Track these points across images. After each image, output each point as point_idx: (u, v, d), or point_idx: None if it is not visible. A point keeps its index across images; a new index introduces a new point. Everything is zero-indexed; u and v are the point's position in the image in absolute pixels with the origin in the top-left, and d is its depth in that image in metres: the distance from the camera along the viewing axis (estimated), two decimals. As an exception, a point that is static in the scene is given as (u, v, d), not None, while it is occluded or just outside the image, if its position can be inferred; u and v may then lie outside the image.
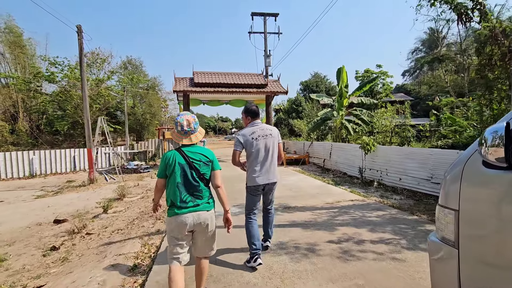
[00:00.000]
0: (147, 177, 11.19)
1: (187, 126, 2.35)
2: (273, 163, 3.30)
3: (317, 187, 7.63)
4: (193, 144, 2.41)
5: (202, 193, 2.34)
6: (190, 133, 2.37)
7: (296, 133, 23.97)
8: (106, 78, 26.92)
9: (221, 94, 14.13)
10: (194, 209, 2.27)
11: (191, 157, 2.33)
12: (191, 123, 2.37)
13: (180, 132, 2.36)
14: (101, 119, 10.90)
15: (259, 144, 3.17)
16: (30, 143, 26.03)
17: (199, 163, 2.34)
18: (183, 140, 2.37)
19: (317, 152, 11.87)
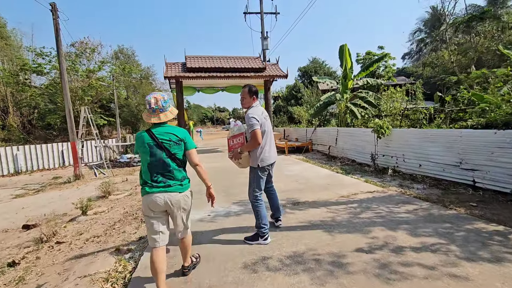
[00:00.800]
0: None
1: (155, 104, 2.25)
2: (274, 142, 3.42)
3: (326, 177, 6.73)
4: (163, 123, 2.31)
5: (174, 173, 2.27)
6: (159, 111, 2.27)
7: (296, 120, 23.01)
8: (97, 68, 25.64)
9: (217, 80, 13.04)
10: (165, 190, 2.22)
11: (160, 137, 2.25)
12: (159, 101, 2.26)
13: (148, 110, 2.27)
14: (85, 109, 9.87)
15: (267, 124, 3.22)
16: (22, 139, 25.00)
17: (169, 143, 2.27)
18: (151, 118, 2.26)
19: (321, 139, 10.94)
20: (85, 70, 25.77)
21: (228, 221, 4.06)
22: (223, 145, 17.45)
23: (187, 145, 2.35)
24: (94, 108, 26.17)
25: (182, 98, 13.33)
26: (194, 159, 2.37)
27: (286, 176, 7.11)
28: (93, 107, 26.17)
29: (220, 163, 9.73)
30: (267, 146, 3.21)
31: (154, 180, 2.22)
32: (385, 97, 11.61)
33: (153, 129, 2.28)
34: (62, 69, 9.19)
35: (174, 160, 2.28)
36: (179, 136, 2.31)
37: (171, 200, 2.23)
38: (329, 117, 20.38)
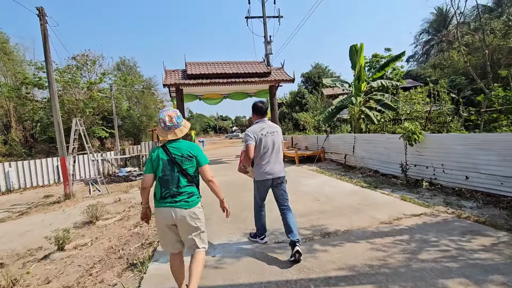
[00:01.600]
0: (137, 186, 9.20)
1: (169, 121, 2.29)
2: (279, 158, 3.35)
3: (352, 193, 5.62)
4: (178, 139, 2.35)
5: (182, 189, 2.26)
6: (174, 128, 2.32)
7: (301, 127, 21.98)
8: (98, 80, 24.98)
9: (219, 86, 12.09)
10: (171, 205, 2.22)
11: (174, 152, 2.28)
12: (173, 118, 2.31)
13: (164, 128, 2.31)
14: (77, 121, 8.91)
15: (268, 140, 3.23)
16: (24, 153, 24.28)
17: (181, 159, 2.28)
18: (168, 135, 2.31)
19: (335, 147, 9.85)
20: (86, 82, 25.14)
21: (241, 266, 2.97)
22: (228, 155, 16.41)
23: (199, 161, 2.34)
24: (95, 120, 25.47)
25: (183, 107, 12.37)
26: (207, 175, 2.36)
27: (304, 192, 6.00)
28: (94, 119, 25.48)
29: (227, 177, 8.66)
30: (266, 162, 3.23)
31: (163, 195, 2.24)
32: (402, 99, 10.55)
33: (168, 145, 2.32)
34: (50, 78, 8.28)
35: (185, 176, 2.27)
36: (191, 152, 2.31)
37: (177, 215, 2.22)
38: (335, 123, 19.34)
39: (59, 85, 23.63)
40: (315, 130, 19.22)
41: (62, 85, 23.49)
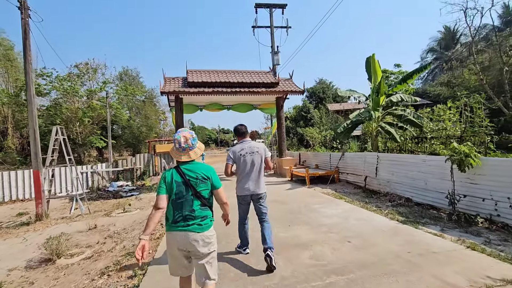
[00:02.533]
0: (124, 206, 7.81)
1: (184, 142, 2.23)
2: (260, 176, 3.56)
3: (392, 233, 4.24)
4: (192, 161, 2.27)
5: (195, 213, 2.16)
6: (188, 150, 2.25)
7: (306, 143, 20.73)
8: (97, 89, 24.00)
9: (222, 96, 10.90)
10: (183, 229, 2.11)
11: (188, 174, 2.20)
12: (188, 139, 2.24)
13: (178, 149, 2.25)
14: (57, 129, 7.64)
15: (246, 159, 3.48)
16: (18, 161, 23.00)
17: (196, 181, 2.20)
18: (181, 157, 2.24)
19: (353, 167, 8.51)
20: (85, 91, 24.15)
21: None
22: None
23: (214, 184, 2.28)
24: (94, 130, 24.34)
25: (182, 118, 11.15)
26: (222, 197, 2.35)
27: (327, 228, 4.63)
28: (92, 129, 24.34)
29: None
30: (245, 179, 3.53)
31: (175, 218, 2.15)
32: (427, 116, 9.32)
33: (181, 166, 2.23)
34: (28, 78, 7.08)
35: (199, 198, 2.19)
36: (206, 174, 2.24)
37: (189, 239, 2.10)
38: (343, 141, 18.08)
39: (58, 92, 22.64)
40: (322, 147, 17.96)
41: (61, 93, 22.50)
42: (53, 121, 23.09)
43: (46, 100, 25.50)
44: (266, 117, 28.95)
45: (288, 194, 7.71)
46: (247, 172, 3.50)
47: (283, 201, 6.78)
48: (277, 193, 7.99)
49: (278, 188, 8.78)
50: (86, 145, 24.61)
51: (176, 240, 2.12)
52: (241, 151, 3.51)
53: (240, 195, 3.61)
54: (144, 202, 7.85)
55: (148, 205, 7.46)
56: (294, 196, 7.44)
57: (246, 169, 3.50)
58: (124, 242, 4.71)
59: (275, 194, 7.77)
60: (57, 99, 23.63)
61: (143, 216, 6.35)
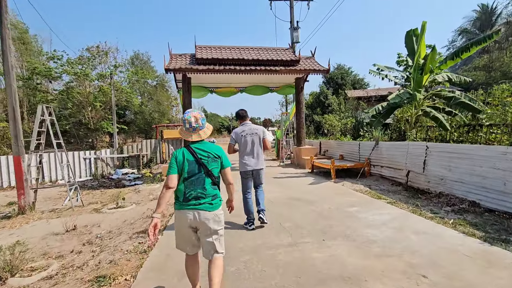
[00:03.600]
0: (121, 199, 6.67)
1: (195, 122, 2.21)
2: (259, 154, 3.97)
3: (486, 262, 2.77)
4: (202, 140, 2.27)
5: (206, 191, 2.17)
6: (199, 129, 2.24)
7: (324, 131, 19.13)
8: (108, 73, 23.00)
9: (235, 75, 9.49)
10: (195, 207, 2.12)
11: (200, 153, 2.20)
12: (199, 119, 2.23)
13: (188, 129, 2.23)
14: (43, 109, 6.49)
15: (247, 139, 3.89)
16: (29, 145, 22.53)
17: (207, 159, 2.20)
18: (192, 136, 2.23)
19: (389, 159, 6.98)
20: (96, 74, 23.21)
21: None
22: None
23: (224, 163, 2.29)
24: (105, 115, 23.60)
25: (190, 100, 9.84)
26: (229, 177, 2.34)
27: (378, 245, 3.22)
28: (104, 113, 23.61)
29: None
30: (246, 157, 3.93)
31: (186, 197, 2.13)
32: (481, 99, 7.61)
33: (192, 145, 2.23)
34: (5, 47, 5.88)
35: (210, 176, 2.19)
36: (216, 153, 2.25)
37: (200, 217, 2.11)
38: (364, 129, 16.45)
39: (69, 76, 21.85)
40: (342, 135, 16.36)
41: (71, 76, 21.68)
42: (65, 105, 22.44)
43: (59, 84, 24.85)
44: (280, 103, 27.27)
45: (312, 190, 6.34)
46: (248, 151, 3.88)
47: (308, 200, 5.42)
48: (299, 188, 6.63)
49: (298, 182, 7.40)
50: (98, 130, 23.97)
51: (187, 218, 2.11)
52: (242, 132, 3.90)
53: (243, 171, 3.97)
54: (142, 195, 6.68)
55: (147, 199, 6.28)
56: (320, 193, 6.06)
57: (247, 148, 3.88)
58: (102, 254, 3.50)
59: (296, 190, 6.41)
60: (69, 83, 22.83)
61: (137, 214, 5.16)
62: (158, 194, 6.84)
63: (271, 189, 6.63)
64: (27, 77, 22.81)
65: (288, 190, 6.39)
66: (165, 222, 4.55)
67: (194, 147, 2.21)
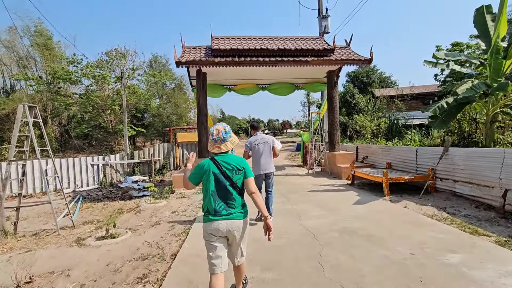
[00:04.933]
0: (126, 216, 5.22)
1: (216, 135, 2.22)
2: (269, 159, 4.45)
3: None
4: (225, 153, 2.26)
5: (235, 201, 2.18)
6: (220, 142, 2.22)
7: (351, 134, 17.14)
8: (126, 75, 22.26)
9: (257, 69, 7.92)
10: (227, 217, 2.12)
11: (224, 166, 2.18)
12: (220, 132, 2.22)
13: (211, 140, 2.24)
14: (24, 109, 5.20)
15: (259, 147, 4.40)
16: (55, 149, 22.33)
17: (232, 172, 2.18)
18: (214, 148, 2.24)
19: (469, 171, 5.07)
20: (114, 77, 22.52)
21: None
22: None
23: (247, 174, 2.25)
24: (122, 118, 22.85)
25: (205, 99, 8.38)
26: (251, 187, 2.25)
27: None
28: (122, 116, 22.86)
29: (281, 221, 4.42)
30: (259, 162, 4.40)
31: (217, 209, 2.13)
32: None
33: (217, 157, 2.22)
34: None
35: (235, 188, 2.19)
36: (240, 165, 2.23)
37: (233, 227, 2.13)
38: (405, 130, 14.38)
39: (87, 79, 21.30)
40: (374, 138, 14.35)
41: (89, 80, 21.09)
42: (85, 108, 21.93)
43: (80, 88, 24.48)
44: (302, 103, 25.29)
45: (366, 215, 4.57)
46: (260, 157, 4.39)
47: (369, 235, 3.68)
48: (346, 210, 4.88)
49: (341, 199, 5.65)
50: (117, 134, 23.30)
51: (219, 229, 2.09)
52: (255, 142, 4.44)
53: (256, 174, 4.29)
54: (143, 217, 5.18)
55: (148, 223, 4.77)
56: (382, 220, 4.29)
57: (259, 154, 4.39)
58: None
59: (344, 213, 4.68)
60: (88, 86, 22.29)
61: (129, 251, 3.66)
62: (162, 216, 5.36)
63: (308, 210, 4.94)
64: (48, 81, 22.49)
65: (332, 214, 4.68)
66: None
67: (218, 159, 2.20)
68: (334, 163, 8.48)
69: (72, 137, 25.31)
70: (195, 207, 5.47)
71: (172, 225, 4.51)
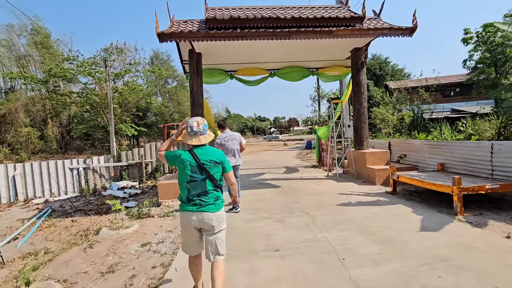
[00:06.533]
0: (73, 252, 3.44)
1: (197, 127, 2.19)
2: (238, 154, 4.93)
3: None
4: (203, 145, 2.23)
5: (208, 194, 2.16)
6: (200, 134, 2.20)
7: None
8: (123, 72, 20.65)
9: (264, 43, 6.06)
10: (198, 209, 2.12)
11: (202, 158, 2.16)
12: (200, 124, 2.21)
13: (189, 133, 2.20)
14: None
15: (228, 144, 4.84)
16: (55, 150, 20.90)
17: (209, 164, 2.18)
18: (192, 140, 2.19)
19: None
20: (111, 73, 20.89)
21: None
22: (273, 165, 10.31)
23: (225, 167, 2.28)
24: (123, 117, 21.28)
25: (200, 86, 6.56)
26: (231, 179, 2.38)
27: None
28: (121, 116, 21.30)
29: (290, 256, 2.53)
30: (228, 156, 4.68)
31: (190, 199, 2.14)
32: None
33: (195, 150, 2.19)
34: None
35: (212, 180, 2.18)
36: (219, 158, 2.23)
37: (204, 219, 2.12)
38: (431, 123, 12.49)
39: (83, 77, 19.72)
40: (396, 132, 12.38)
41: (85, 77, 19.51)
42: (83, 108, 20.44)
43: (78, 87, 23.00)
44: (312, 97, 23.22)
45: (452, 257, 2.64)
46: (229, 152, 4.79)
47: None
48: (407, 243, 2.96)
49: (387, 219, 3.75)
50: (117, 133, 21.74)
51: (191, 220, 2.12)
52: (225, 138, 4.86)
53: None
54: (98, 252, 3.33)
55: (96, 269, 2.95)
56: (488, 271, 2.40)
57: (228, 150, 4.78)
58: None
59: (406, 251, 2.74)
60: (85, 84, 20.74)
61: None
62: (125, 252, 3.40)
63: (351, 241, 3.09)
64: (44, 79, 20.95)
65: (395, 252, 2.79)
66: None
67: (196, 151, 2.18)
68: (363, 163, 6.58)
69: (74, 137, 23.88)
70: (177, 235, 3.64)
71: (133, 276, 2.70)
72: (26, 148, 18.69)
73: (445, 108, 17.52)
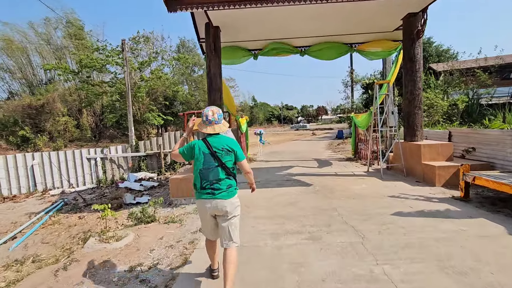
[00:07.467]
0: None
1: (212, 116, 2.21)
2: None
3: None
4: (217, 134, 2.24)
5: (221, 182, 2.16)
6: (214, 123, 2.21)
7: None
8: (148, 60, 20.38)
9: (295, 9, 4.86)
10: (211, 197, 2.14)
11: (214, 146, 2.18)
12: (215, 114, 2.22)
13: (204, 122, 2.22)
14: None
15: None
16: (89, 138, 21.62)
17: (221, 152, 2.18)
18: (207, 128, 2.21)
19: None
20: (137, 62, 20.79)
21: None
22: (302, 157, 9.16)
23: (238, 156, 2.24)
24: (150, 106, 21.23)
25: (218, 66, 5.57)
26: (246, 168, 2.30)
27: None
28: (148, 105, 21.25)
29: None
30: None
31: (203, 187, 2.16)
32: None
33: (208, 138, 2.22)
34: None
35: (224, 169, 2.18)
36: (230, 146, 2.22)
37: (217, 206, 2.14)
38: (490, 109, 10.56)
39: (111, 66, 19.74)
40: (448, 120, 10.51)
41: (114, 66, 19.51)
42: (112, 97, 20.67)
43: (109, 77, 23.35)
44: (345, 83, 21.23)
45: None
46: None
47: None
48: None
49: (470, 241, 2.53)
50: (145, 122, 21.83)
51: (206, 207, 2.15)
52: None
53: None
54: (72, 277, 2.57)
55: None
56: None
57: None
58: None
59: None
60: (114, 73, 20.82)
61: None
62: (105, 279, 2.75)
63: (433, 285, 1.92)
64: (77, 70, 21.39)
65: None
66: None
67: (209, 139, 2.20)
68: (417, 158, 5.23)
69: (106, 126, 24.47)
70: (179, 253, 2.75)
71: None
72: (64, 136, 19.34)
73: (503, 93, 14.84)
